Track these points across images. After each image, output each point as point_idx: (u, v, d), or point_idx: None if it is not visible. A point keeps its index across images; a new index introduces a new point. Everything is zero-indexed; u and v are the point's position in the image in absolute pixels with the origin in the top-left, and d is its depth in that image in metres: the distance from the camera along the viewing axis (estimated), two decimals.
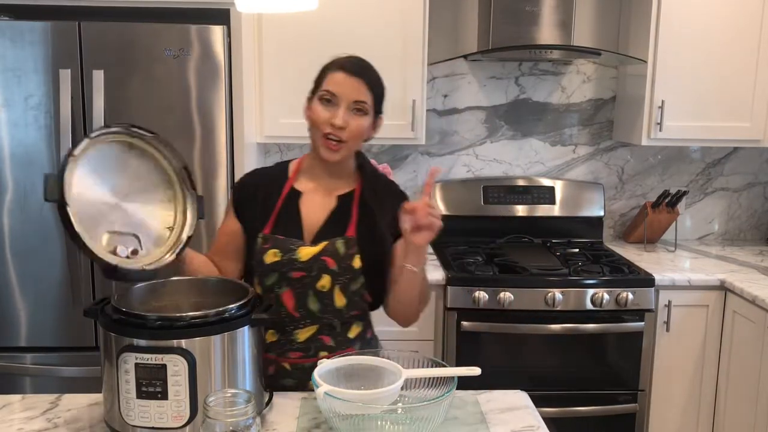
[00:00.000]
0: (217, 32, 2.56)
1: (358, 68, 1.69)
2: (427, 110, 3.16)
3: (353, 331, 1.75)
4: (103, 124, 2.53)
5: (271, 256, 1.67)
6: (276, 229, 1.71)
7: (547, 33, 3.03)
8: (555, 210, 3.33)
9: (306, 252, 1.67)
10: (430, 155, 3.39)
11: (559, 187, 3.35)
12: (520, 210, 3.33)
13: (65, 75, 2.53)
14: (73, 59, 2.54)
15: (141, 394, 1.33)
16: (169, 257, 1.54)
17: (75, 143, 1.49)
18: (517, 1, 3.00)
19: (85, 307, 1.47)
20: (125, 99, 2.57)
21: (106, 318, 1.38)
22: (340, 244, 1.67)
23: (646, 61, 3.00)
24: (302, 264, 1.66)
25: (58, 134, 2.55)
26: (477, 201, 3.31)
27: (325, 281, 1.67)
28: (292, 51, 2.91)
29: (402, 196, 1.79)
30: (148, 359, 1.32)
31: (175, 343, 1.33)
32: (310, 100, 1.72)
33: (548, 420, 1.58)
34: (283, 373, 1.70)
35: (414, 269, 1.63)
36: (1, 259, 2.64)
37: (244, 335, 1.42)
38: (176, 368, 1.32)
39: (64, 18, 2.59)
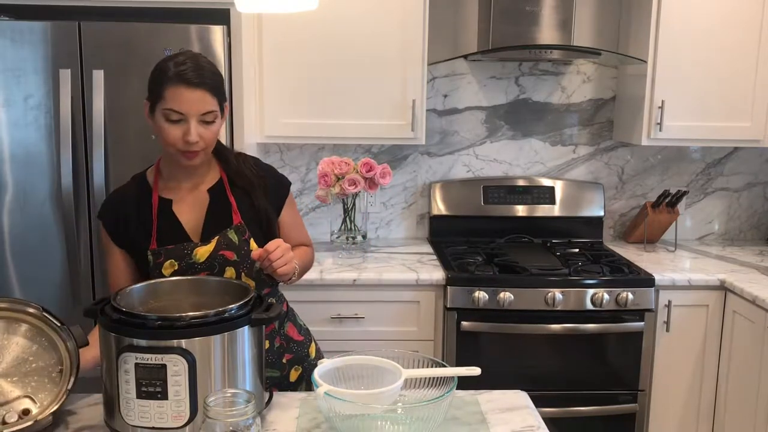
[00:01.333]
0: (217, 32, 2.56)
1: (196, 75, 1.62)
2: (427, 110, 3.16)
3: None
4: (103, 124, 2.54)
5: (169, 267, 1.69)
6: (161, 240, 1.70)
7: (547, 33, 3.03)
8: (555, 210, 3.33)
9: (202, 252, 1.69)
10: (430, 155, 3.39)
11: (559, 187, 3.35)
12: (520, 210, 3.33)
13: (65, 75, 2.53)
14: (73, 59, 2.54)
15: (141, 394, 1.33)
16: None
17: None
18: (517, 1, 3.00)
19: (85, 307, 1.47)
20: (125, 99, 2.57)
21: (106, 318, 1.38)
22: (232, 234, 1.71)
23: (646, 61, 3.00)
24: (202, 265, 1.69)
25: (58, 134, 2.55)
26: (477, 201, 3.31)
27: (229, 273, 1.71)
28: (292, 51, 2.91)
29: (267, 168, 1.85)
30: (148, 359, 1.32)
31: (175, 343, 1.33)
32: (152, 109, 1.66)
33: (548, 420, 1.58)
34: None
35: (287, 283, 1.76)
36: (1, 259, 2.64)
37: (244, 335, 1.42)
38: (176, 368, 1.32)
39: (64, 18, 2.59)
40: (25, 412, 1.43)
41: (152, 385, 1.32)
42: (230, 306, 1.41)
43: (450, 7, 3.27)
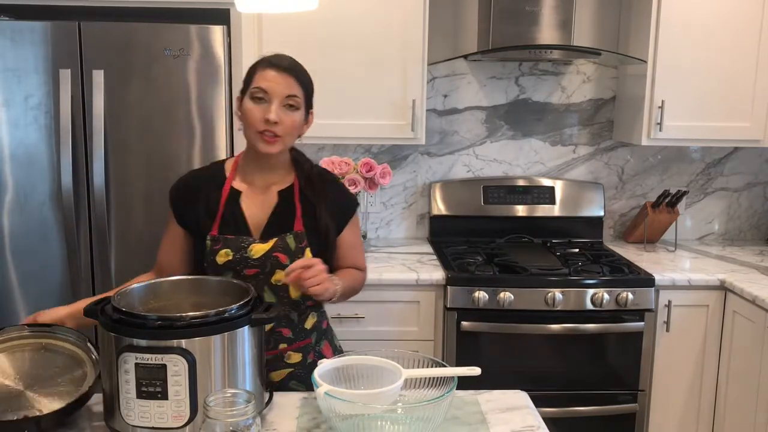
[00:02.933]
0: (217, 32, 2.56)
1: (288, 64, 1.72)
2: (427, 110, 3.16)
3: (309, 322, 1.79)
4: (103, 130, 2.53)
5: (223, 256, 1.70)
6: (223, 228, 1.73)
7: (547, 33, 3.03)
8: (555, 210, 3.33)
9: (258, 249, 1.70)
10: (430, 155, 3.39)
11: (559, 187, 3.35)
12: (520, 210, 3.33)
13: (65, 75, 2.53)
14: (73, 59, 2.54)
15: (141, 394, 1.33)
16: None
17: None
18: (517, 1, 2.99)
19: (85, 307, 1.47)
20: (125, 99, 2.58)
21: (106, 318, 1.38)
22: (290, 239, 1.72)
23: (646, 61, 3.00)
24: (255, 261, 1.70)
25: (58, 134, 2.55)
26: (477, 201, 3.31)
27: (279, 276, 1.71)
28: (292, 51, 2.87)
29: (338, 185, 1.87)
30: (148, 359, 1.32)
31: (175, 343, 1.33)
32: (240, 99, 1.74)
33: (548, 420, 1.58)
34: None
35: (327, 303, 1.78)
36: (1, 259, 2.64)
37: (244, 335, 1.42)
38: (176, 368, 1.32)
39: (64, 18, 2.59)
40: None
41: (152, 385, 1.32)
42: (230, 306, 1.41)
43: (450, 7, 3.27)
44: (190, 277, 1.67)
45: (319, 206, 1.76)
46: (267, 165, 1.77)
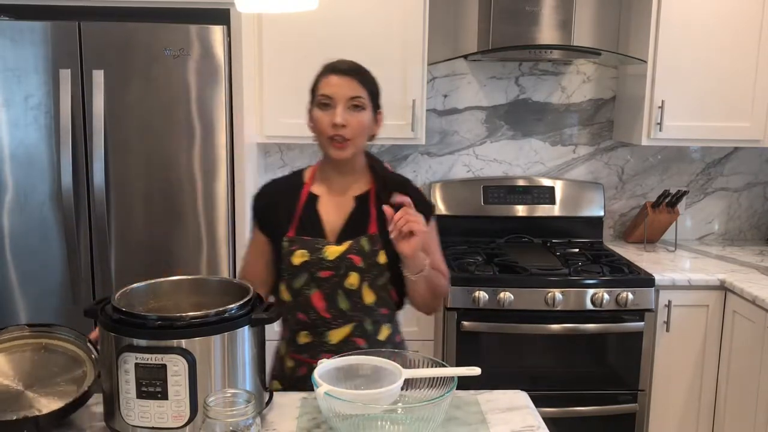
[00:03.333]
0: (217, 32, 2.56)
1: (348, 67, 1.74)
2: (427, 110, 3.16)
3: (383, 333, 1.77)
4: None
5: (299, 257, 1.71)
6: (300, 231, 1.75)
7: (547, 33, 3.03)
8: (555, 210, 3.33)
9: (333, 251, 1.71)
10: (430, 155, 3.39)
11: (559, 187, 3.35)
12: (520, 210, 3.33)
13: (65, 75, 2.53)
14: (73, 59, 2.54)
15: (141, 394, 1.33)
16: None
17: None
18: (517, 1, 3.00)
19: (85, 307, 1.47)
20: (125, 99, 2.57)
21: (106, 318, 1.38)
22: (364, 242, 1.71)
23: (646, 61, 3.00)
24: (330, 263, 1.70)
25: (58, 134, 2.55)
26: (477, 201, 3.31)
27: (353, 279, 1.71)
28: (292, 51, 2.91)
29: (414, 190, 1.82)
30: (148, 359, 1.32)
31: (175, 343, 1.33)
32: (310, 110, 1.77)
33: (548, 420, 1.58)
34: None
35: (412, 277, 1.67)
36: (1, 259, 2.64)
37: (244, 335, 1.42)
38: (176, 368, 1.32)
39: (64, 18, 2.59)
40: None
41: (152, 385, 1.32)
42: (230, 306, 1.41)
43: (450, 7, 3.27)
44: (190, 277, 1.67)
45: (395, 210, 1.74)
46: (342, 170, 1.79)
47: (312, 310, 1.73)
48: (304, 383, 1.68)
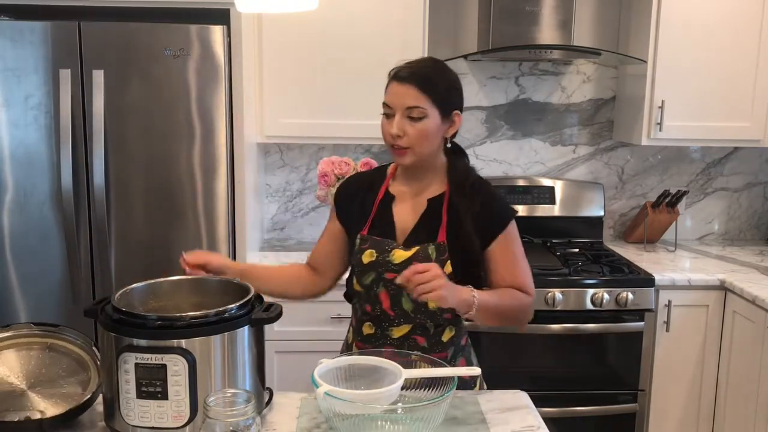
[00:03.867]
0: (217, 32, 2.56)
1: (408, 73, 1.68)
2: None
3: (446, 335, 1.75)
4: (103, 127, 2.53)
5: (368, 256, 1.72)
6: (372, 230, 1.75)
7: (547, 33, 3.03)
8: (555, 210, 3.33)
9: (399, 255, 1.70)
10: None
11: (559, 187, 3.35)
12: (520, 210, 3.31)
13: (65, 75, 2.53)
14: (73, 59, 2.54)
15: (141, 394, 1.33)
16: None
17: None
18: (517, 1, 2.99)
19: (85, 307, 1.47)
20: (125, 99, 2.57)
21: (106, 318, 1.38)
22: (431, 250, 1.69)
23: (646, 61, 3.00)
24: (396, 266, 1.69)
25: (58, 134, 2.55)
26: None
27: None
28: (292, 51, 2.91)
29: (492, 196, 1.78)
30: (148, 359, 1.32)
31: (175, 343, 1.33)
32: None
33: (548, 420, 1.58)
34: None
35: (466, 317, 1.66)
36: (1, 259, 2.64)
37: (244, 335, 1.42)
38: (176, 368, 1.32)
39: (64, 18, 2.59)
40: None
41: (152, 385, 1.32)
42: (230, 306, 1.41)
43: (450, 7, 3.27)
44: (190, 277, 1.67)
45: (465, 217, 1.70)
46: (415, 173, 1.76)
47: (378, 306, 1.74)
48: None
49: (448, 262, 1.68)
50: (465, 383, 1.71)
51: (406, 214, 1.76)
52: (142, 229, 2.65)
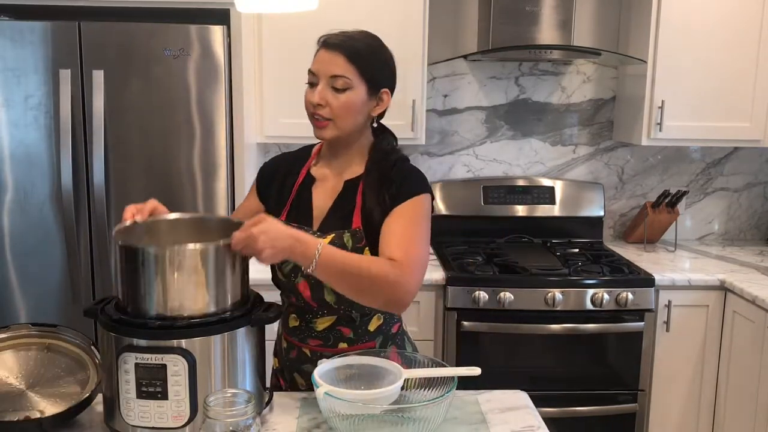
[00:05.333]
0: (217, 32, 2.56)
1: (338, 40, 1.61)
2: (427, 110, 3.16)
3: (373, 324, 1.69)
4: (103, 128, 2.53)
5: None
6: (290, 215, 1.69)
7: (547, 33, 3.03)
8: (555, 210, 3.33)
9: None
10: (430, 155, 3.39)
11: (559, 187, 3.35)
12: (520, 210, 3.32)
13: (65, 75, 2.53)
14: (73, 59, 2.54)
15: (141, 394, 1.33)
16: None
17: None
18: (517, 1, 3.00)
19: (85, 307, 1.47)
20: (125, 99, 2.58)
21: (106, 318, 1.38)
22: (347, 238, 1.60)
23: (646, 61, 3.00)
24: None
25: (58, 134, 2.55)
26: (477, 201, 3.31)
27: None
28: (292, 51, 2.91)
29: (403, 173, 1.64)
30: (148, 359, 1.32)
31: (175, 343, 1.33)
32: None
33: (548, 420, 1.58)
34: (303, 357, 1.69)
35: (306, 271, 1.47)
36: (1, 259, 2.64)
37: (244, 335, 1.42)
38: (176, 368, 1.32)
39: (64, 18, 2.59)
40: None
41: (152, 385, 1.32)
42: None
43: (450, 7, 3.27)
44: (189, 215, 1.62)
45: (370, 195, 1.60)
46: (335, 150, 1.68)
47: (300, 297, 1.67)
48: (297, 365, 1.69)
49: (367, 249, 1.59)
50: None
51: (323, 198, 1.68)
52: None
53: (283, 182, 1.74)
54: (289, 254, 1.44)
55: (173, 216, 1.58)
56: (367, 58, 1.61)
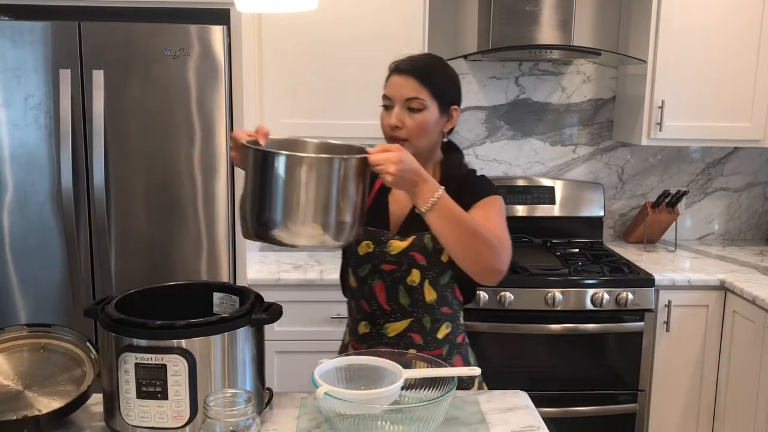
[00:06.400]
0: (217, 32, 2.56)
1: (409, 65, 1.70)
2: None
3: (442, 332, 1.74)
4: (102, 125, 2.54)
5: (365, 248, 1.71)
6: (368, 220, 1.70)
7: (547, 33, 3.03)
8: (555, 210, 3.33)
9: (396, 245, 1.70)
10: None
11: (559, 187, 3.35)
12: (520, 210, 3.32)
13: (65, 75, 2.53)
14: (73, 59, 2.54)
15: (141, 394, 1.33)
16: None
17: None
18: (517, 1, 3.00)
19: (85, 307, 1.47)
20: (125, 99, 2.57)
21: (106, 318, 1.38)
22: (427, 239, 1.68)
23: (646, 61, 3.00)
24: (393, 257, 1.69)
25: (58, 134, 2.55)
26: None
27: (414, 276, 1.69)
28: (293, 51, 2.91)
29: (475, 180, 1.76)
30: (148, 359, 1.32)
31: (175, 343, 1.33)
32: None
33: (548, 420, 1.58)
34: None
35: (420, 211, 1.52)
36: (1, 259, 2.64)
37: (244, 335, 1.42)
38: (176, 368, 1.32)
39: (64, 18, 2.59)
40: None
41: (152, 385, 1.32)
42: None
43: (450, 7, 3.27)
44: (304, 138, 1.63)
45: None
46: None
47: (374, 300, 1.72)
48: None
49: (444, 250, 1.66)
50: (461, 382, 1.69)
51: (400, 204, 1.76)
52: (142, 229, 2.65)
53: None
54: (410, 187, 1.49)
55: (286, 137, 1.62)
56: (437, 79, 1.70)
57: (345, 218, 1.43)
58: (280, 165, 1.38)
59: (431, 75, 1.69)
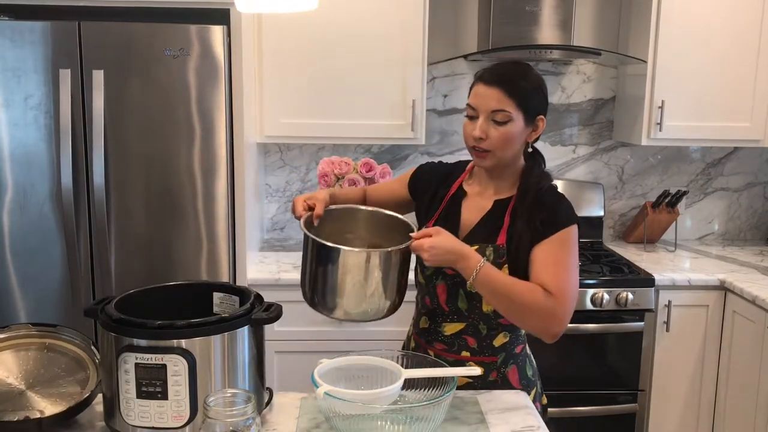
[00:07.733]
0: (217, 32, 2.56)
1: (496, 76, 1.65)
2: (427, 110, 3.16)
3: (499, 341, 1.73)
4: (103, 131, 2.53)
5: None
6: (438, 222, 1.76)
7: (547, 33, 3.03)
8: None
9: None
10: (430, 155, 3.39)
11: (559, 187, 3.32)
12: None
13: (65, 75, 2.53)
14: (73, 59, 2.54)
15: (141, 394, 1.33)
16: None
17: None
18: (517, 1, 3.00)
19: (85, 307, 1.47)
20: (125, 99, 2.57)
21: (106, 318, 1.38)
22: (490, 252, 1.67)
23: (646, 61, 3.00)
24: None
25: (58, 134, 2.55)
26: None
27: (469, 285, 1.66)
28: (293, 51, 2.91)
29: (554, 203, 1.70)
30: (148, 359, 1.32)
31: (175, 343, 1.33)
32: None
33: (548, 420, 1.58)
34: None
35: (468, 282, 1.58)
36: (1, 259, 2.64)
37: (244, 335, 1.42)
38: (176, 368, 1.32)
39: (64, 18, 2.59)
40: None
41: (152, 385, 1.32)
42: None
43: (450, 7, 3.27)
44: (368, 209, 1.80)
45: (521, 219, 1.66)
46: (492, 173, 1.74)
47: (435, 299, 1.74)
48: None
49: (506, 266, 1.66)
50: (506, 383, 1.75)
51: (471, 213, 1.76)
52: (142, 229, 2.65)
53: (435, 192, 1.83)
54: (451, 265, 1.59)
55: (342, 207, 1.78)
56: (524, 89, 1.65)
57: (388, 298, 1.60)
58: (333, 257, 1.55)
59: (518, 85, 1.64)
